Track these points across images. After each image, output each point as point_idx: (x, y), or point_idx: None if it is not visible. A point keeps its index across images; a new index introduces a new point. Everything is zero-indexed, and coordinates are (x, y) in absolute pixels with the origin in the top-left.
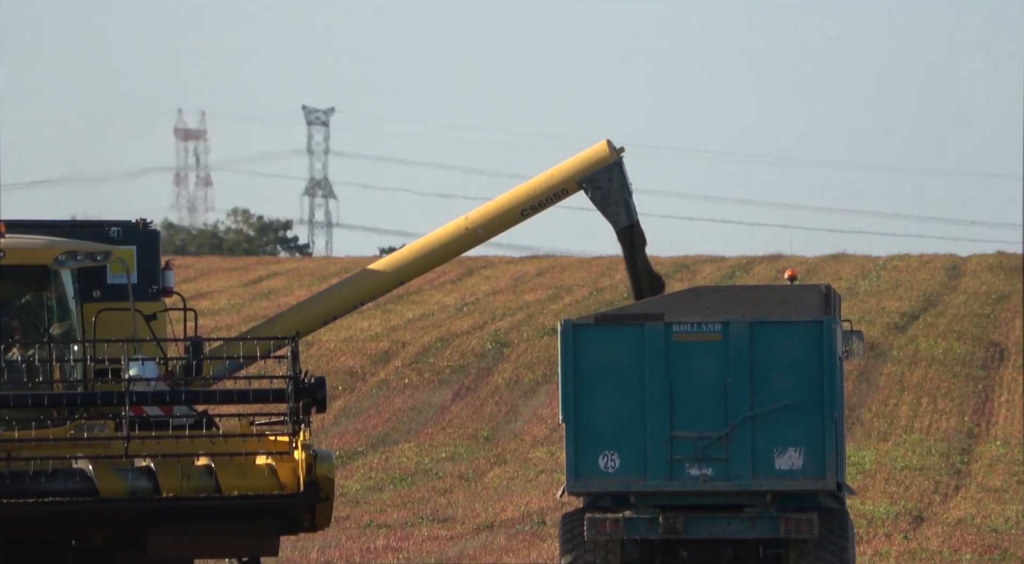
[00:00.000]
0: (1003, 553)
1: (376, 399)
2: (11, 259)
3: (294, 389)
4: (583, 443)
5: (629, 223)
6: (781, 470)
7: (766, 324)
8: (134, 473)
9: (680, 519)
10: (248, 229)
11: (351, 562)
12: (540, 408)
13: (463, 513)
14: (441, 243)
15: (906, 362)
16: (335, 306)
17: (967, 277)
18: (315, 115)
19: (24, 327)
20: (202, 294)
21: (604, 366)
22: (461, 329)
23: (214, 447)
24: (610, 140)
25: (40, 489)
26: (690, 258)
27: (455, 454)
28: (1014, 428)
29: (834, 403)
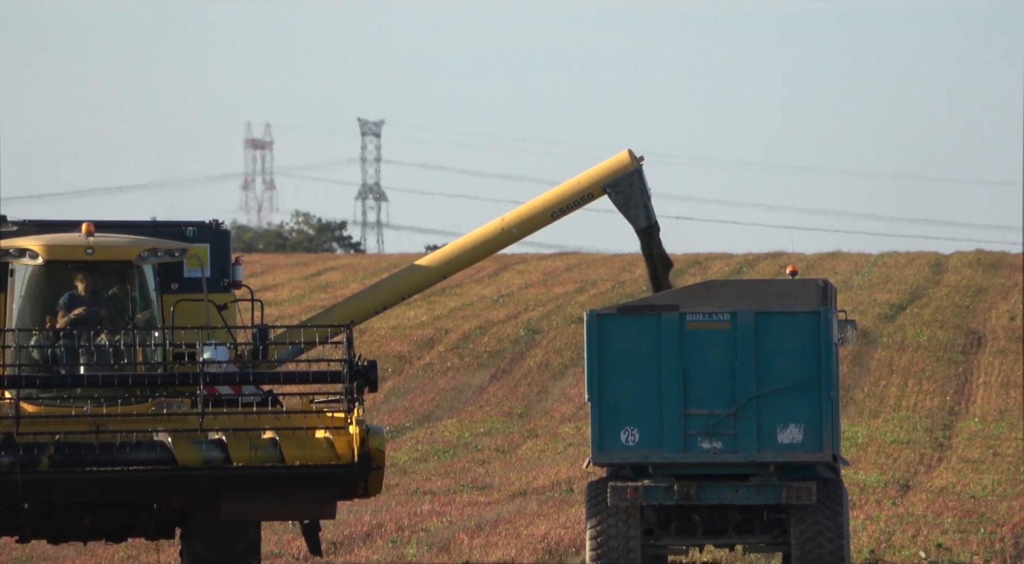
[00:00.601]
0: (980, 517)
1: (422, 380)
2: (100, 256)
3: (349, 371)
4: (606, 420)
5: (648, 223)
6: (783, 444)
7: (770, 314)
8: (208, 445)
9: (693, 487)
10: (308, 229)
11: (400, 525)
12: (568, 388)
13: (499, 481)
14: (480, 241)
15: (894, 348)
16: (385, 297)
17: (949, 272)
18: (368, 126)
19: (111, 316)
20: (267, 287)
21: (625, 351)
22: (497, 318)
23: (278, 422)
24: (631, 149)
25: (125, 459)
26: (702, 255)
27: (492, 429)
28: (990, 407)
29: (830, 384)
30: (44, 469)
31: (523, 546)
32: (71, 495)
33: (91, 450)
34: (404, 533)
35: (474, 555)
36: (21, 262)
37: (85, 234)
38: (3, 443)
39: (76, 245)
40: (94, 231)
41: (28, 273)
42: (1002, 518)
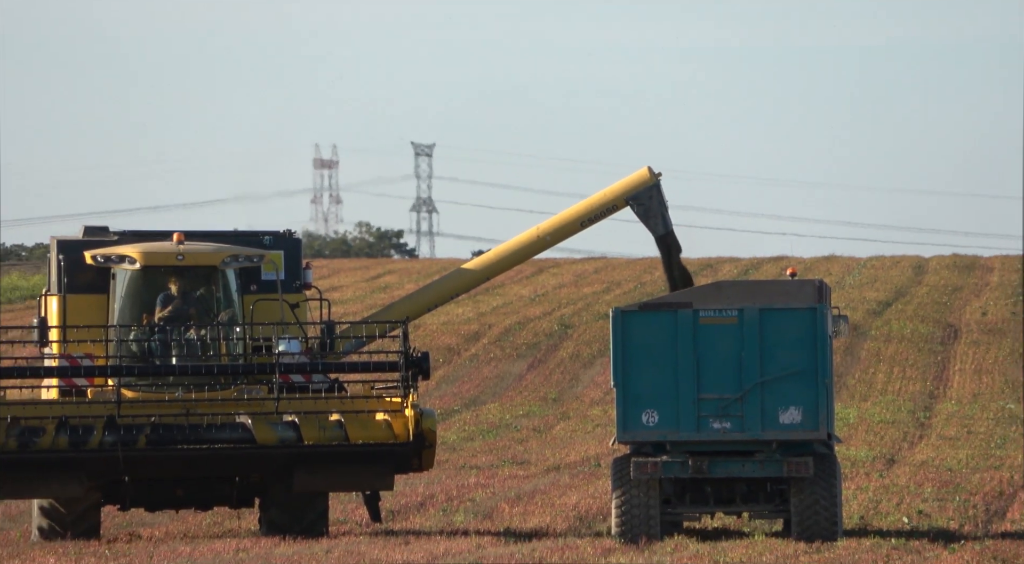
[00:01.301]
0: (956, 487)
1: (468, 369)
2: (188, 261)
3: (405, 361)
4: (630, 403)
5: (665, 232)
6: (784, 424)
7: (772, 310)
8: (283, 426)
9: (705, 462)
10: (369, 237)
11: (449, 495)
12: (596, 376)
13: (536, 457)
14: (518, 248)
15: (881, 340)
16: (436, 297)
17: (929, 274)
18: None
19: (199, 313)
20: (334, 288)
21: (646, 343)
22: (534, 315)
23: (343, 406)
24: (650, 166)
25: (211, 438)
26: (713, 259)
27: (530, 412)
28: (965, 391)
29: (825, 372)
30: (142, 447)
31: (556, 514)
32: (165, 470)
33: (182, 431)
34: (453, 503)
35: (514, 522)
36: (121, 267)
37: (176, 242)
38: (106, 424)
39: (168, 252)
40: (184, 240)
41: (127, 277)
42: (975, 488)
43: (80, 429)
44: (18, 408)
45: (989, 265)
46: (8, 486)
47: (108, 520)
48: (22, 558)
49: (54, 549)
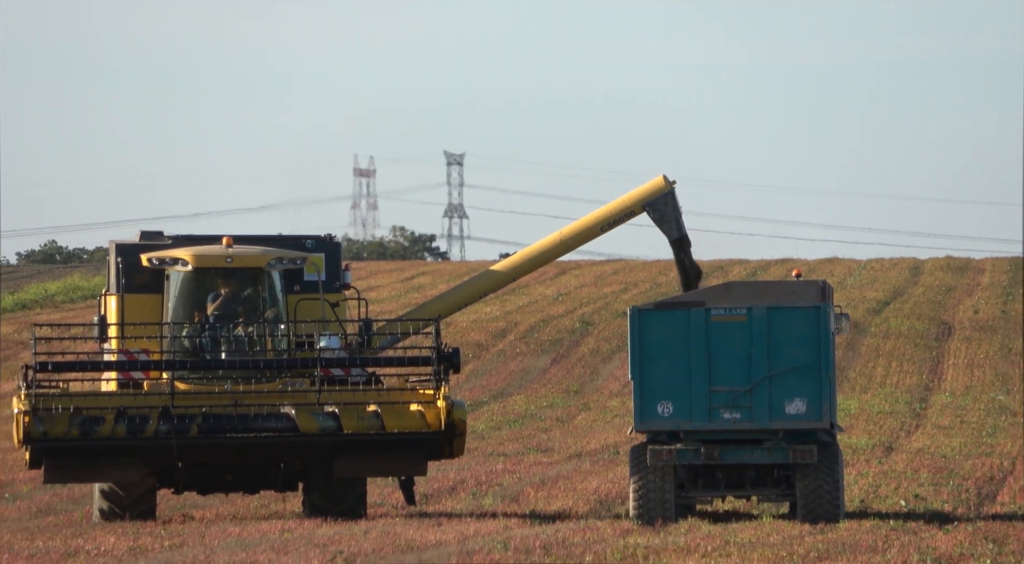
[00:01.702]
0: (949, 473)
1: (496, 363)
2: (237, 263)
3: (437, 356)
4: (646, 395)
5: (679, 235)
6: (790, 414)
7: (779, 309)
8: (324, 416)
9: (716, 450)
10: (404, 241)
11: (479, 480)
12: (615, 370)
13: (559, 445)
14: (542, 251)
15: (880, 336)
16: (466, 296)
17: (925, 274)
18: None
19: (246, 312)
20: (371, 288)
21: (661, 340)
22: (557, 313)
23: (380, 398)
24: (665, 175)
25: (258, 427)
26: (723, 261)
27: (553, 403)
28: (958, 383)
29: (828, 366)
30: (194, 435)
31: (578, 497)
32: (215, 456)
33: (231, 420)
34: (482, 487)
35: (539, 505)
36: (175, 269)
37: (225, 246)
38: (161, 414)
39: (218, 255)
40: (232, 243)
41: (180, 278)
42: (967, 473)
43: (137, 418)
44: (80, 399)
45: (980, 267)
46: (71, 471)
47: (163, 502)
48: (84, 537)
49: (114, 529)
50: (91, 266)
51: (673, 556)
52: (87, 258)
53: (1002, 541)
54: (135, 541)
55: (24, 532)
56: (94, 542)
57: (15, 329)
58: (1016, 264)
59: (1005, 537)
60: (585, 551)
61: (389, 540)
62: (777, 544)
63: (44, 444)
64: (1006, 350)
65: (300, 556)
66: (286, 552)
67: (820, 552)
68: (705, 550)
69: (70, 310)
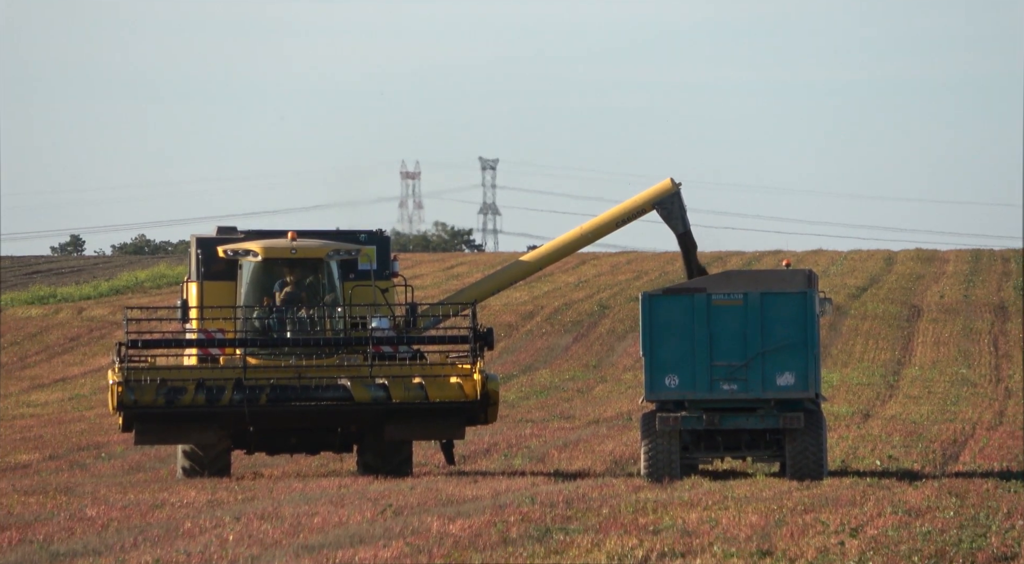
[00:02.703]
0: (919, 436)
1: (524, 342)
2: (300, 254)
3: (473, 335)
4: (655, 369)
5: (684, 230)
6: (780, 386)
7: (771, 294)
8: (375, 387)
9: (717, 417)
10: (444, 235)
11: (510, 443)
12: (628, 348)
13: (579, 413)
14: (565, 243)
15: (859, 318)
16: (499, 283)
17: (897, 264)
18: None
19: (308, 297)
20: (416, 276)
21: (668, 321)
22: (578, 298)
23: (424, 371)
24: (672, 177)
25: (318, 396)
26: (722, 252)
27: (574, 376)
28: (926, 359)
29: (814, 343)
30: (263, 403)
31: (596, 458)
32: (281, 422)
33: (295, 391)
34: (512, 449)
35: (562, 464)
36: (246, 260)
37: (290, 239)
38: (235, 385)
39: (284, 247)
40: (296, 237)
41: (251, 267)
42: (934, 437)
43: (214, 389)
44: (165, 372)
45: (945, 257)
46: (157, 434)
47: (237, 462)
48: (169, 491)
49: (194, 485)
50: (175, 257)
51: (679, 509)
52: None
53: (963, 495)
54: (213, 495)
55: (118, 486)
56: (177, 495)
57: (110, 311)
58: (976, 255)
59: (966, 492)
60: (602, 505)
61: (432, 495)
62: (769, 498)
63: (134, 411)
64: (968, 330)
65: (355, 508)
66: (343, 505)
67: (806, 505)
68: (706, 504)
69: (157, 295)
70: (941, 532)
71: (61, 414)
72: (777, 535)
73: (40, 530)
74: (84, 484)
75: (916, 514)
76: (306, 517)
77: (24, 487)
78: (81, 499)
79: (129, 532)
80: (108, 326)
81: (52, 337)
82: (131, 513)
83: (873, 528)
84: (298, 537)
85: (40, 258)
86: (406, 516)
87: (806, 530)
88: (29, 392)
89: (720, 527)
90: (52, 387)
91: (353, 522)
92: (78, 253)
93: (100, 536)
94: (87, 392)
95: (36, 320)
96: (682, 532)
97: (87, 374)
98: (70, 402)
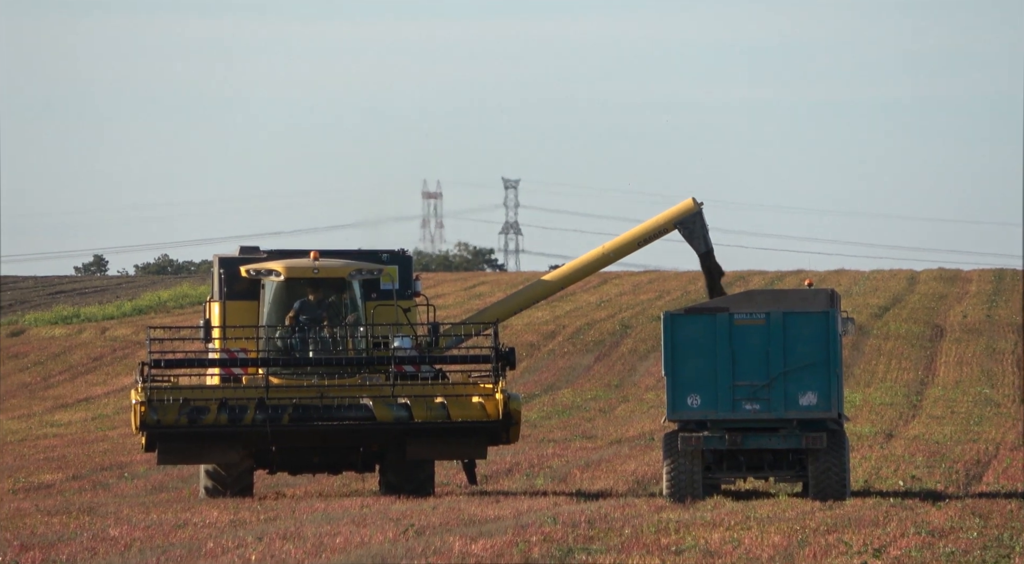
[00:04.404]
0: (942, 457)
1: (546, 361)
2: (323, 274)
3: (495, 355)
4: (677, 389)
5: (706, 250)
6: (802, 405)
7: (793, 314)
8: (397, 406)
9: (739, 436)
10: (466, 254)
11: (531, 463)
12: (650, 367)
13: (602, 432)
14: (587, 263)
15: (882, 337)
16: (521, 303)
17: (920, 284)
18: (509, 182)
19: (330, 316)
20: (438, 295)
21: (690, 340)
22: (600, 317)
23: (446, 391)
24: (694, 197)
25: (340, 415)
26: (744, 271)
27: (596, 396)
28: (949, 379)
29: (836, 363)
30: (285, 423)
31: (618, 478)
32: (304, 441)
33: (317, 410)
34: (534, 469)
35: (584, 484)
36: (268, 279)
37: (313, 259)
38: (257, 405)
39: (306, 266)
40: (319, 257)
41: (274, 287)
42: (957, 457)
43: (237, 408)
44: (188, 391)
45: (968, 277)
46: (180, 454)
47: (259, 481)
48: (192, 511)
49: (217, 504)
50: (198, 276)
51: (701, 529)
52: (194, 270)
53: (987, 516)
54: (235, 514)
55: (140, 506)
56: (200, 515)
57: (132, 331)
58: (999, 275)
59: (990, 512)
60: (624, 525)
61: (454, 514)
62: (792, 519)
63: (157, 430)
64: (991, 350)
65: (377, 528)
66: (365, 525)
67: (829, 526)
68: (729, 524)
69: (180, 315)
70: (964, 553)
71: (84, 434)
72: (800, 556)
73: (63, 550)
74: (107, 504)
75: (939, 535)
76: (328, 537)
77: (47, 507)
78: (104, 519)
79: (152, 552)
80: (131, 346)
81: (75, 357)
82: (154, 533)
83: (896, 549)
84: (320, 557)
85: (64, 278)
86: (428, 536)
87: (829, 551)
88: (53, 412)
89: (743, 547)
90: (75, 407)
91: (375, 542)
92: (101, 273)
93: (123, 556)
94: (110, 412)
95: (60, 340)
96: (704, 552)
97: (110, 394)
98: (93, 422)
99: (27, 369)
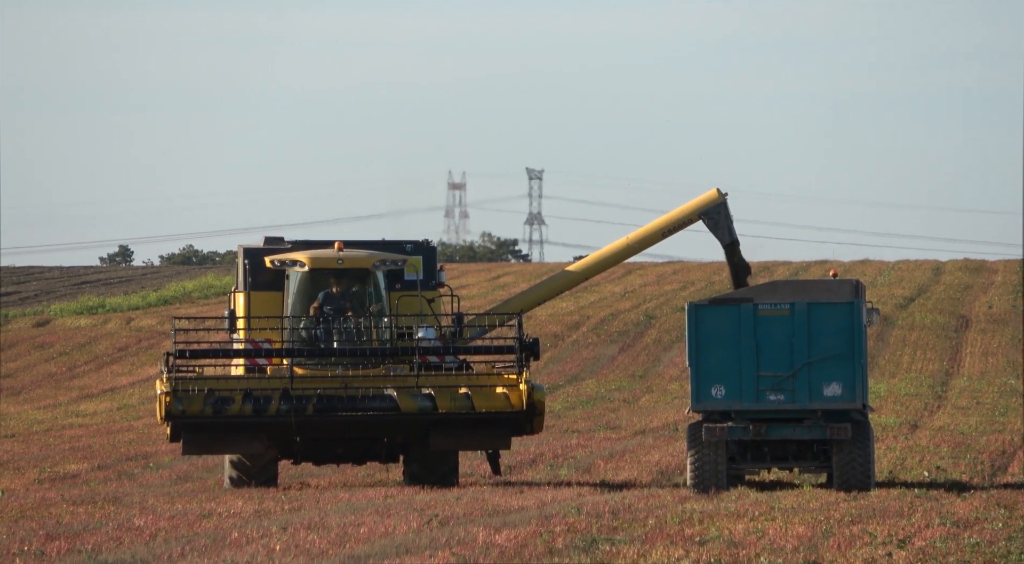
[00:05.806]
0: (967, 447)
1: (571, 352)
2: (347, 264)
3: (519, 345)
4: (701, 379)
5: (731, 241)
6: (827, 396)
7: (818, 304)
8: (421, 397)
9: (763, 427)
10: (491, 245)
11: (555, 453)
12: (674, 357)
13: (625, 423)
14: (611, 253)
15: (906, 328)
16: (545, 293)
17: (946, 274)
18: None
19: (354, 307)
20: (462, 286)
21: (715, 331)
22: (624, 308)
23: (470, 381)
24: (719, 188)
25: (364, 406)
26: (769, 262)
27: (620, 386)
28: (974, 369)
29: (861, 354)
30: (310, 414)
31: (642, 469)
32: (328, 432)
33: (341, 400)
34: (558, 459)
35: (608, 475)
36: (293, 270)
37: (337, 249)
38: (282, 395)
39: (330, 257)
40: (343, 247)
41: (298, 277)
42: (983, 448)
43: (261, 399)
44: (213, 382)
45: (994, 267)
46: (205, 444)
47: (283, 472)
48: (217, 501)
49: (242, 494)
50: (222, 267)
51: (725, 520)
52: (219, 260)
53: (1012, 507)
54: (260, 505)
55: (165, 496)
56: (225, 505)
57: (158, 321)
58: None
59: (1015, 503)
60: (648, 515)
61: (478, 505)
62: (816, 509)
63: (182, 421)
64: (1017, 340)
65: (401, 518)
66: (389, 515)
67: (853, 516)
68: (753, 515)
69: (204, 305)
70: (990, 544)
71: (109, 424)
72: (824, 546)
73: (88, 540)
74: (132, 494)
75: (964, 526)
76: (352, 527)
77: (73, 497)
78: (129, 509)
79: (177, 542)
80: (156, 336)
81: (101, 347)
82: (179, 523)
83: (921, 540)
84: (344, 547)
85: (89, 268)
86: (452, 526)
87: (853, 541)
88: (78, 402)
89: (767, 538)
90: (100, 397)
91: (399, 532)
92: (126, 263)
93: (148, 546)
94: (135, 402)
95: (85, 330)
96: (728, 543)
97: (135, 384)
98: (118, 412)
99: (52, 359)
